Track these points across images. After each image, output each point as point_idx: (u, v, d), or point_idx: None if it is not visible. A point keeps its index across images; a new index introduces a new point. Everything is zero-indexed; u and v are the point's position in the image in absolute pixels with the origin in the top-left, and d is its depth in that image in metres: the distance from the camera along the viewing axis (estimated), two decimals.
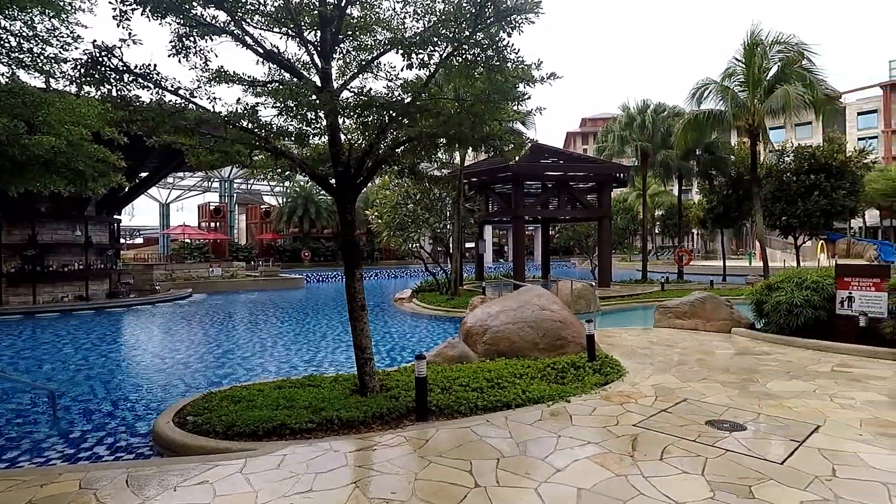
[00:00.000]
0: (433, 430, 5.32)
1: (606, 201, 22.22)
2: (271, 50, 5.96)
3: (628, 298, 18.79)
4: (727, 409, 5.80)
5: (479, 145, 6.72)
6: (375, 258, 45.75)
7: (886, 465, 4.28)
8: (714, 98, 19.98)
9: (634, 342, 9.92)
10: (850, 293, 8.81)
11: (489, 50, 5.27)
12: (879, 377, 6.99)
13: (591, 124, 77.04)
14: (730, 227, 27.54)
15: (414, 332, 14.39)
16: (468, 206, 20.56)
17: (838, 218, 22.48)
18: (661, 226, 52.81)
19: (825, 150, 21.52)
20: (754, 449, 4.68)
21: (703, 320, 10.86)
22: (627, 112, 25.59)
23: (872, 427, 5.16)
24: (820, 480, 4.01)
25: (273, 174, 7.47)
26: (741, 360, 8.22)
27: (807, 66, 19.35)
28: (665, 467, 4.34)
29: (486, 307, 9.64)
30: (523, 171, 20.46)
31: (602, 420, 5.53)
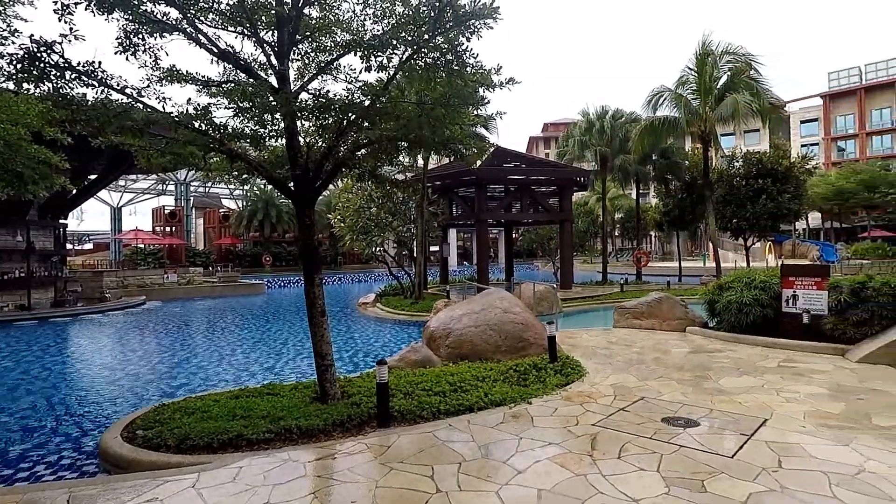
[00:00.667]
0: (395, 437, 5.27)
1: (568, 205, 22.63)
2: (226, 49, 5.80)
3: (589, 300, 19.17)
4: (682, 406, 5.98)
5: (440, 149, 6.73)
6: (339, 262, 45.18)
7: (827, 455, 4.50)
8: (669, 105, 20.71)
9: (595, 342, 10.11)
10: (795, 292, 9.25)
11: (448, 54, 5.28)
12: (821, 371, 7.35)
13: (553, 129, 78.53)
14: (685, 230, 28.55)
15: (378, 336, 14.26)
16: (432, 210, 20.56)
17: (784, 220, 23.63)
18: (621, 228, 54.31)
19: (771, 157, 22.61)
20: (707, 444, 4.84)
21: (660, 320, 11.19)
22: (587, 118, 26.19)
23: (815, 419, 5.42)
24: (767, 472, 4.18)
25: (230, 177, 7.28)
26: (695, 358, 8.50)
27: (754, 76, 20.32)
28: (623, 465, 4.42)
29: (450, 311, 9.65)
30: (486, 175, 20.63)
31: (563, 420, 5.61)
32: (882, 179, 44.77)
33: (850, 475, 4.08)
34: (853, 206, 47.67)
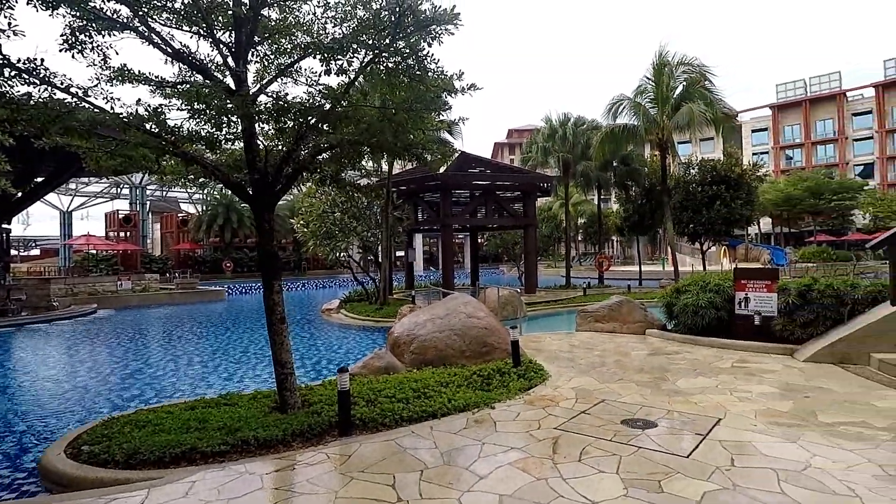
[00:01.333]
0: (356, 445, 5.18)
1: (532, 210, 22.94)
2: (180, 50, 5.62)
3: (553, 304, 19.44)
4: (641, 408, 6.10)
5: (403, 154, 6.70)
6: (303, 268, 44.40)
7: (776, 452, 4.67)
8: (628, 113, 21.29)
9: (558, 346, 10.24)
10: (747, 294, 9.61)
11: (410, 59, 5.27)
12: (771, 370, 7.65)
13: (518, 135, 79.54)
14: (645, 235, 29.39)
15: (342, 343, 14.06)
16: (397, 215, 20.47)
17: (737, 225, 24.58)
18: (584, 233, 55.39)
19: (724, 164, 23.51)
20: (664, 444, 4.95)
21: (621, 323, 11.43)
22: (550, 124, 26.65)
23: (765, 417, 5.63)
24: (720, 471, 4.30)
25: (185, 181, 7.03)
26: (654, 360, 8.71)
27: (708, 86, 21.12)
28: (583, 468, 4.47)
29: (414, 316, 9.59)
30: (451, 180, 20.70)
31: (525, 425, 5.63)
32: (826, 187, 47.28)
33: (797, 471, 4.25)
34: (800, 212, 50.10)
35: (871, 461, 4.40)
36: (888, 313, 7.63)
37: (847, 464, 4.36)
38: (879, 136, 61.73)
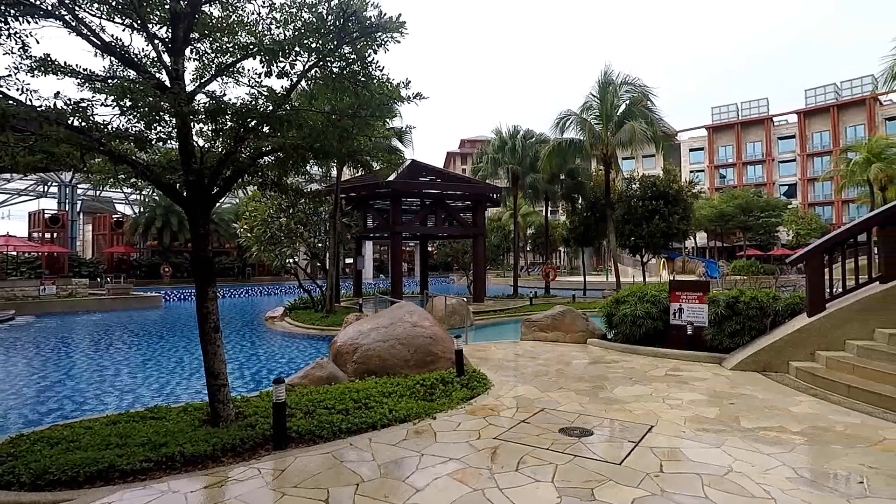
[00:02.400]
0: (291, 459, 5.00)
1: (481, 220, 23.20)
2: (111, 42, 5.32)
3: (500, 313, 19.68)
4: (578, 416, 6.23)
5: (348, 160, 6.60)
6: (247, 274, 42.90)
7: (702, 457, 4.88)
8: (575, 128, 22.04)
9: (502, 355, 10.34)
10: (681, 305, 10.06)
11: (355, 65, 5.21)
12: (701, 378, 8.03)
13: (470, 145, 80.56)
14: (590, 246, 30.35)
15: (284, 352, 13.64)
16: (345, 222, 20.16)
17: (675, 239, 25.82)
18: (532, 244, 56.61)
19: (664, 181, 24.68)
20: (598, 452, 5.07)
21: (564, 332, 11.70)
22: (500, 136, 27.15)
23: (693, 424, 5.88)
24: (650, 477, 4.44)
25: (115, 181, 6.63)
26: (594, 369, 8.95)
27: (650, 106, 22.19)
28: (520, 477, 4.50)
29: (358, 325, 9.44)
30: (402, 188, 20.65)
31: (465, 435, 5.63)
32: (755, 205, 50.56)
33: (720, 475, 4.45)
34: (732, 228, 53.28)
35: (786, 464, 4.67)
36: (804, 324, 8.19)
37: (764, 467, 4.60)
38: (801, 159, 66.67)
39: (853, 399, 6.55)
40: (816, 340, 8.04)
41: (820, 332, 8.05)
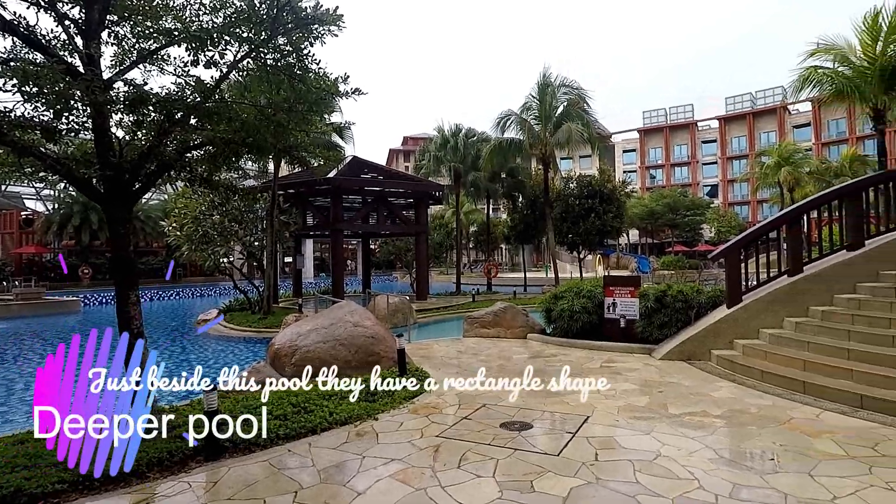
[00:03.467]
0: (225, 470, 4.78)
1: (424, 217, 23.19)
2: (13, 21, 4.85)
3: (443, 310, 19.76)
4: (519, 411, 6.35)
5: (284, 156, 6.39)
6: (177, 275, 40.69)
7: (633, 444, 5.10)
8: (515, 128, 22.47)
9: (445, 352, 10.38)
10: (614, 300, 10.50)
11: (290, 57, 5.03)
12: (633, 369, 8.41)
13: (413, 143, 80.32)
14: (530, 243, 31.08)
15: (219, 357, 13.03)
16: (283, 219, 19.53)
17: (609, 236, 26.94)
18: (475, 241, 57.26)
19: (599, 180, 25.67)
20: (538, 445, 5.19)
21: (505, 328, 11.91)
22: (442, 135, 27.24)
23: (626, 413, 6.14)
24: (586, 466, 4.59)
25: (21, 175, 6.07)
26: (533, 363, 9.15)
27: (586, 108, 22.98)
28: (462, 474, 4.53)
29: (297, 326, 9.18)
30: (343, 185, 20.26)
31: (407, 434, 5.60)
32: (681, 204, 53.70)
33: (650, 461, 4.67)
34: (661, 225, 56.32)
35: (708, 446, 4.98)
36: (723, 315, 8.77)
37: (689, 450, 4.88)
38: (722, 162, 71.40)
39: (766, 383, 7.08)
40: (734, 330, 8.63)
41: (737, 322, 8.65)
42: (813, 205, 9.31)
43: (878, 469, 4.36)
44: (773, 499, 3.91)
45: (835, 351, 7.06)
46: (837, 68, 13.81)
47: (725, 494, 4.00)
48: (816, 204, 9.31)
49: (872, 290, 7.93)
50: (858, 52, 13.44)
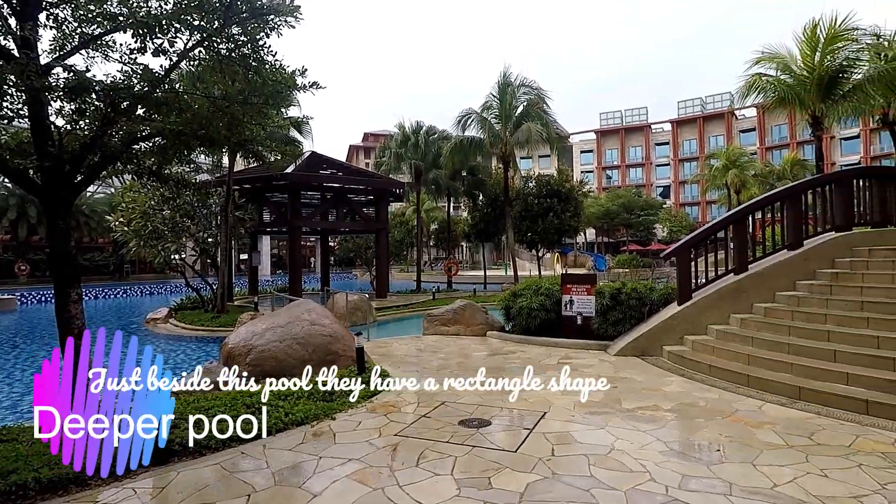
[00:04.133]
0: (174, 474, 4.59)
1: (384, 215, 23.02)
2: None
3: (403, 308, 19.69)
4: (478, 407, 6.39)
5: (238, 149, 6.19)
6: (125, 272, 38.90)
7: (589, 439, 5.22)
8: (476, 126, 22.58)
9: (404, 350, 10.34)
10: (571, 297, 10.72)
11: (245, 48, 4.87)
12: (589, 365, 8.61)
13: (374, 139, 79.55)
14: (490, 241, 31.35)
15: (169, 356, 12.53)
16: (239, 215, 18.96)
17: (567, 235, 27.51)
18: (435, 239, 57.29)
19: (557, 180, 26.15)
20: (496, 441, 5.23)
21: (464, 326, 11.96)
22: (403, 132, 27.11)
23: (582, 408, 6.28)
24: (542, 462, 4.67)
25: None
26: (492, 360, 9.24)
27: (545, 108, 23.33)
28: (420, 473, 4.51)
29: (252, 325, 8.93)
30: (301, 180, 19.86)
31: (365, 434, 5.53)
32: (636, 204, 55.43)
33: (604, 455, 4.79)
34: (617, 225, 57.95)
35: (659, 439, 5.15)
36: (674, 312, 9.11)
37: (641, 443, 5.04)
38: (674, 164, 74.06)
39: (713, 377, 7.39)
40: (685, 326, 8.97)
41: (687, 318, 8.99)
42: (757, 206, 9.78)
43: (814, 457, 4.62)
44: (719, 488, 4.09)
45: (776, 345, 7.44)
46: (780, 76, 14.55)
47: (675, 485, 4.15)
48: (760, 205, 9.78)
49: (810, 288, 8.40)
50: (799, 61, 14.21)
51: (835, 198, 9.51)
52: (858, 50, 14.04)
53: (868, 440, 4.96)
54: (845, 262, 8.61)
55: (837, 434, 5.15)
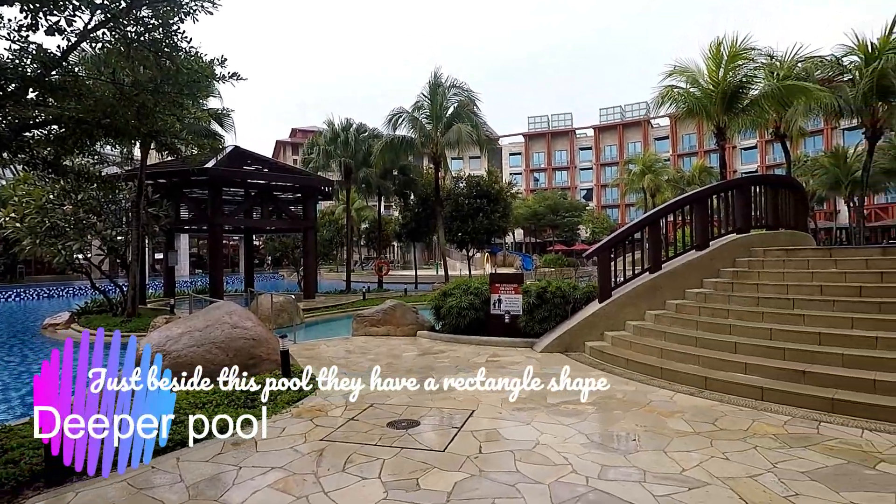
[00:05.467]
0: (71, 496, 4.19)
1: (312, 213, 22.41)
2: None
3: (332, 309, 19.26)
4: (407, 408, 6.36)
5: (149, 141, 5.76)
6: (19, 273, 35.18)
7: (515, 435, 5.35)
8: (407, 126, 22.55)
9: (333, 352, 10.10)
10: (500, 296, 10.94)
11: (156, 32, 4.52)
12: (516, 362, 8.83)
13: (302, 135, 77.17)
14: (421, 241, 31.40)
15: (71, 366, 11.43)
16: (152, 212, 17.69)
17: (496, 235, 28.12)
18: (366, 238, 56.58)
19: (487, 181, 26.66)
20: (424, 442, 5.22)
21: (394, 326, 11.89)
22: (332, 128, 26.53)
23: (508, 405, 6.42)
24: (470, 460, 4.71)
25: None
26: (422, 360, 9.24)
27: (476, 110, 23.70)
28: (347, 478, 4.41)
29: (167, 329, 8.36)
30: (222, 176, 18.87)
31: (290, 440, 5.34)
32: (561, 206, 57.75)
33: (529, 450, 4.92)
34: (544, 226, 60.08)
35: (581, 432, 5.37)
36: (596, 310, 9.55)
37: (564, 437, 5.23)
38: (596, 168, 77.87)
39: (630, 370, 7.82)
40: (605, 322, 9.43)
41: (607, 315, 9.46)
42: (669, 209, 10.47)
43: (718, 442, 5.00)
44: (634, 476, 4.32)
45: (685, 339, 7.99)
46: (689, 89, 15.70)
47: (594, 475, 4.33)
48: (672, 209, 10.49)
49: (714, 285, 9.12)
50: (706, 76, 15.41)
51: (735, 202, 10.39)
52: (756, 68, 15.47)
53: (762, 424, 5.44)
54: (744, 262, 9.43)
55: (737, 419, 5.62)
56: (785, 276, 8.52)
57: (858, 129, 19.56)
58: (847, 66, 17.85)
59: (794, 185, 12.15)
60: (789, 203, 11.49)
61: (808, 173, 38.64)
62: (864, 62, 16.91)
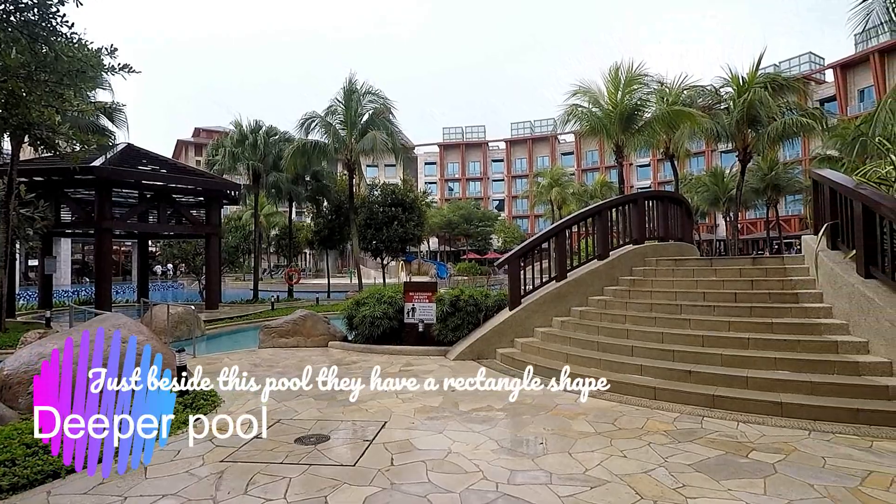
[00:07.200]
0: None
1: (216, 218, 21.10)
2: None
3: (238, 319, 18.18)
4: (316, 423, 6.13)
5: (22, 134, 5.10)
6: None
7: (427, 445, 5.33)
8: (320, 131, 22.00)
9: (237, 366, 9.46)
10: (414, 305, 10.93)
11: (30, 12, 4.03)
12: (429, 371, 8.85)
13: (207, 135, 72.57)
14: (334, 249, 30.66)
15: None
16: (26, 213, 15.72)
17: (411, 243, 28.13)
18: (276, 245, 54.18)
19: (402, 189, 26.66)
20: (334, 457, 5.05)
21: (305, 337, 11.46)
22: (240, 129, 25.26)
23: (422, 414, 6.40)
24: (381, 473, 4.62)
25: None
26: (334, 372, 8.95)
27: (391, 118, 23.66)
28: (249, 500, 4.15)
29: (39, 346, 7.43)
30: (112, 175, 17.22)
31: (185, 464, 4.93)
32: (475, 215, 59.21)
33: (441, 459, 4.92)
34: (458, 234, 61.20)
35: (492, 438, 5.47)
36: (506, 317, 9.85)
37: (475, 444, 5.30)
38: (507, 180, 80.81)
39: (539, 375, 8.12)
40: (515, 329, 9.74)
41: (517, 322, 9.78)
42: (573, 221, 11.08)
43: (617, 441, 5.32)
44: (541, 479, 4.46)
45: (588, 344, 8.46)
46: (591, 109, 16.82)
47: (504, 481, 4.42)
48: (576, 220, 11.10)
49: (614, 293, 9.75)
50: (606, 97, 16.60)
51: (632, 215, 11.21)
52: (649, 93, 16.95)
53: (655, 421, 5.88)
54: (640, 271, 10.19)
55: (633, 418, 6.02)
56: (674, 284, 9.32)
57: (733, 152, 22.02)
58: (724, 96, 20.10)
59: (682, 201, 13.36)
60: (677, 217, 12.61)
61: (692, 190, 43.01)
62: (736, 93, 19.12)
